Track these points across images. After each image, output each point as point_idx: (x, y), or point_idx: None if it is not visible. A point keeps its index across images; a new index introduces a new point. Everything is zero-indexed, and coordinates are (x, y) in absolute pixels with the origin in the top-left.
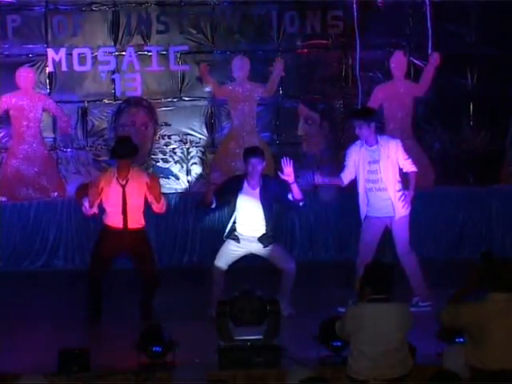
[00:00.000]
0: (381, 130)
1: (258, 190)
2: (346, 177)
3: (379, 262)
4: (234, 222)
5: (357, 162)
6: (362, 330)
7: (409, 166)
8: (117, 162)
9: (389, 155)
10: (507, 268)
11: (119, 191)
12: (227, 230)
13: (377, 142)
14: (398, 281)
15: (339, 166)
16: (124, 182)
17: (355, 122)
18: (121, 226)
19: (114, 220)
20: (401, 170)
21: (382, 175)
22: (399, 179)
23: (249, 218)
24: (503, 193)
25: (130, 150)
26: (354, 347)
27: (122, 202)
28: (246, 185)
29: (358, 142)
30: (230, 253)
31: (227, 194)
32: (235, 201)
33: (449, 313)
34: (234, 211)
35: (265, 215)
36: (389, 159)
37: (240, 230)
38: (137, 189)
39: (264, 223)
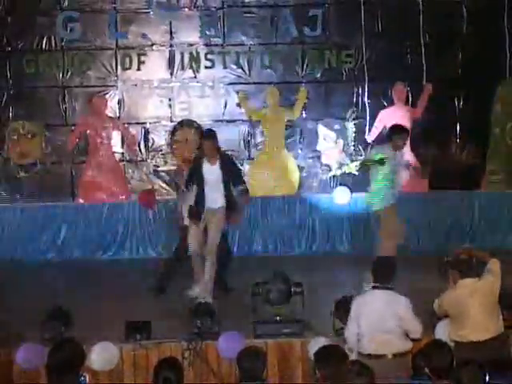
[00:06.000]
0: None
1: (217, 165)
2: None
3: (383, 256)
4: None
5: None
6: (362, 314)
7: None
8: None
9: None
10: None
11: None
12: (188, 209)
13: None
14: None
15: (350, 174)
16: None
17: (397, 135)
18: None
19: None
20: None
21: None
22: None
23: (210, 191)
24: (484, 197)
25: None
26: (358, 326)
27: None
28: (205, 162)
29: (385, 146)
30: (197, 232)
31: (193, 177)
32: (199, 178)
33: (438, 306)
34: (196, 189)
35: (224, 186)
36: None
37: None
38: None
39: (222, 193)
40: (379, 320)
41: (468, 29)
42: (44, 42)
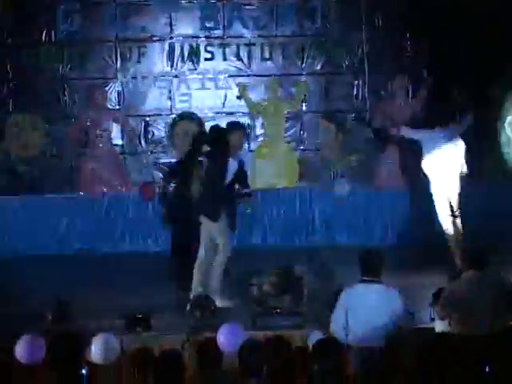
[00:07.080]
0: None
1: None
2: None
3: (368, 248)
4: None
5: None
6: (352, 307)
7: None
8: None
9: None
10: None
11: None
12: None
13: None
14: None
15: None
16: None
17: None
18: None
19: None
20: None
21: None
22: None
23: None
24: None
25: None
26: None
27: None
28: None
29: None
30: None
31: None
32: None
33: (441, 306)
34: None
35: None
36: None
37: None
38: None
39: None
40: (372, 314)
41: (468, 24)
42: (44, 34)
